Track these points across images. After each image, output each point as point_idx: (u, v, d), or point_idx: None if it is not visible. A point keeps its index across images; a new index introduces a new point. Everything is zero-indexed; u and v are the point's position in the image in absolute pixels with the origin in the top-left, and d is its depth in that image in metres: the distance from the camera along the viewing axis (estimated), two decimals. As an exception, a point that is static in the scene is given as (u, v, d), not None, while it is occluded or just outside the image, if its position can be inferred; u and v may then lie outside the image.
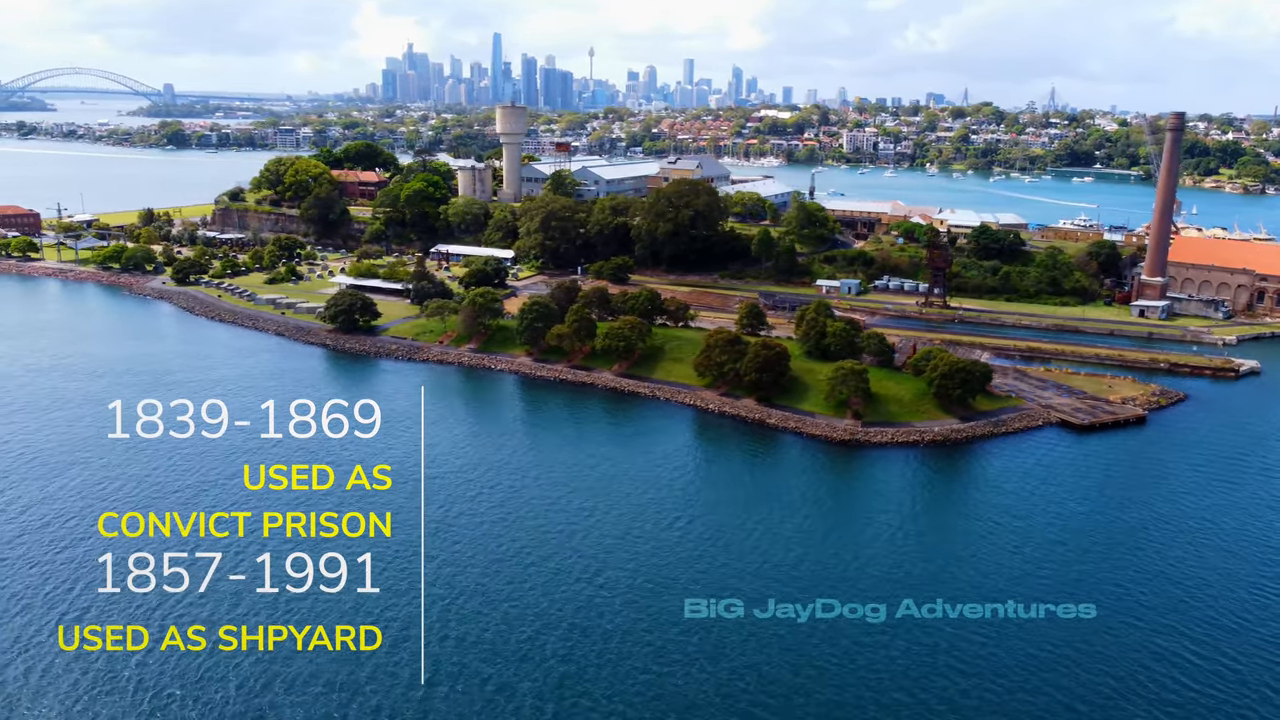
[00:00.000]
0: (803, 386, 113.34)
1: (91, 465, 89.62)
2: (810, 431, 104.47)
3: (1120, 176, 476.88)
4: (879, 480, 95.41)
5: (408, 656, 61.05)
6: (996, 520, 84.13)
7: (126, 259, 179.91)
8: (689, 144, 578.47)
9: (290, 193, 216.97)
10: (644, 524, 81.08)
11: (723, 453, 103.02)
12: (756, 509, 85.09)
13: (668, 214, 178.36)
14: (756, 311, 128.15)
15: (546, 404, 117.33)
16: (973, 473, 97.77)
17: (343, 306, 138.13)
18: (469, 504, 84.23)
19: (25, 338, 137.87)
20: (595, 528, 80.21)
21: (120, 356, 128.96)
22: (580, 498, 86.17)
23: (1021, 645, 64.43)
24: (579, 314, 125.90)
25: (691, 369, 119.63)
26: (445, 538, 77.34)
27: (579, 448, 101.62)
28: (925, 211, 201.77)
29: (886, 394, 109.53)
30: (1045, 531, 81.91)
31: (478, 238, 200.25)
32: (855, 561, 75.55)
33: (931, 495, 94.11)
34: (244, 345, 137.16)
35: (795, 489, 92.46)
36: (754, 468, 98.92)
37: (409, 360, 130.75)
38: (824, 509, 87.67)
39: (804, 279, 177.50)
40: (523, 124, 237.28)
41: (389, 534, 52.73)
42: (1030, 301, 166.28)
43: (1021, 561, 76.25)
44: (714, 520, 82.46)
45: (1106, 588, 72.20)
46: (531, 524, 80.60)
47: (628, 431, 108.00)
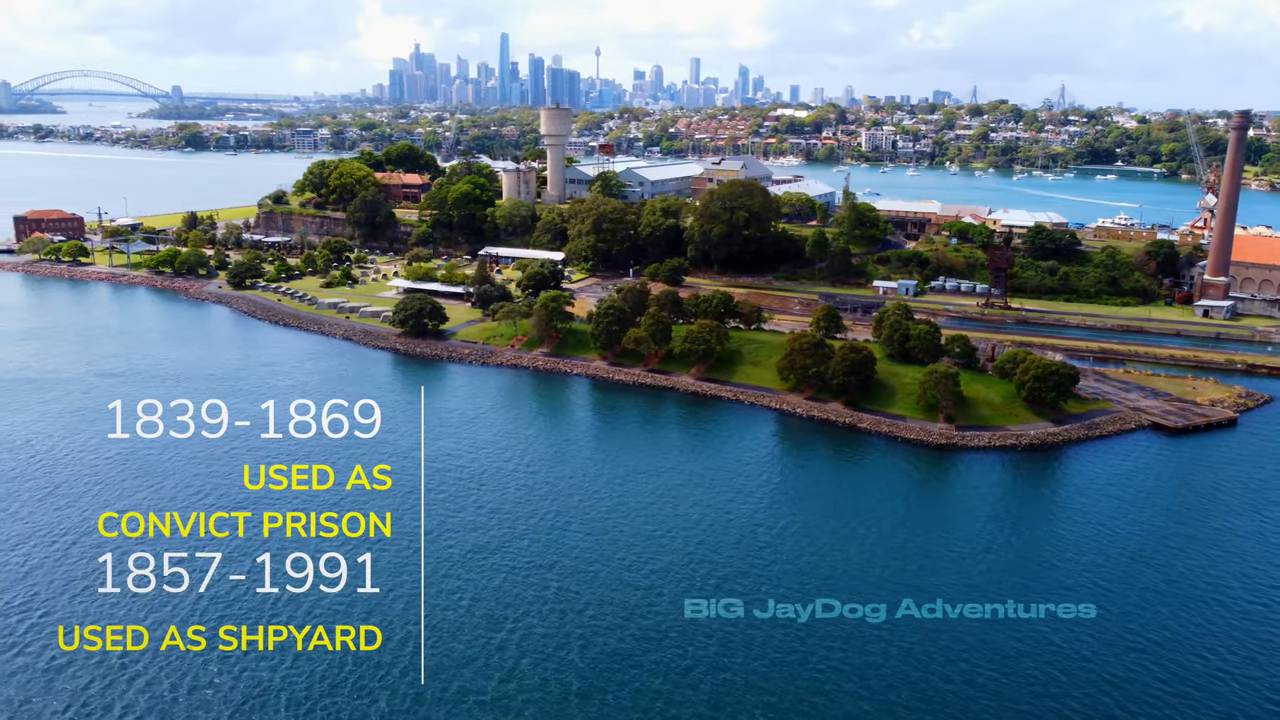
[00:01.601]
0: (888, 390, 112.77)
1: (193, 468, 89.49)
2: (904, 435, 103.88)
3: (1144, 174, 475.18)
4: (981, 485, 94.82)
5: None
6: (1110, 526, 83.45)
7: (180, 263, 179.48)
8: (707, 143, 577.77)
9: (335, 195, 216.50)
10: (735, 528, 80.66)
11: (814, 457, 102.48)
12: (859, 515, 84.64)
13: (721, 215, 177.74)
14: (833, 314, 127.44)
15: (625, 407, 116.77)
16: (1074, 477, 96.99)
17: (412, 311, 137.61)
18: (537, 505, 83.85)
19: (94, 343, 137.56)
20: (685, 531, 79.83)
21: (194, 361, 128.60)
22: (672, 501, 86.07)
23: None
24: (655, 317, 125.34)
25: (771, 372, 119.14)
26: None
27: (665, 450, 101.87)
28: (975, 211, 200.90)
29: (975, 397, 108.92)
30: (1165, 540, 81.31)
31: (525, 240, 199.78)
32: (978, 567, 75.09)
33: (1037, 500, 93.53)
34: (313, 350, 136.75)
35: (896, 494, 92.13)
36: (848, 472, 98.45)
37: (482, 364, 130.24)
38: (930, 514, 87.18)
39: (859, 280, 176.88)
40: (567, 125, 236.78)
41: (389, 534, 53.39)
42: (1090, 302, 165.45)
43: (1150, 570, 75.69)
44: (831, 526, 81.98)
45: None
46: (629, 528, 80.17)
47: (714, 434, 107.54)
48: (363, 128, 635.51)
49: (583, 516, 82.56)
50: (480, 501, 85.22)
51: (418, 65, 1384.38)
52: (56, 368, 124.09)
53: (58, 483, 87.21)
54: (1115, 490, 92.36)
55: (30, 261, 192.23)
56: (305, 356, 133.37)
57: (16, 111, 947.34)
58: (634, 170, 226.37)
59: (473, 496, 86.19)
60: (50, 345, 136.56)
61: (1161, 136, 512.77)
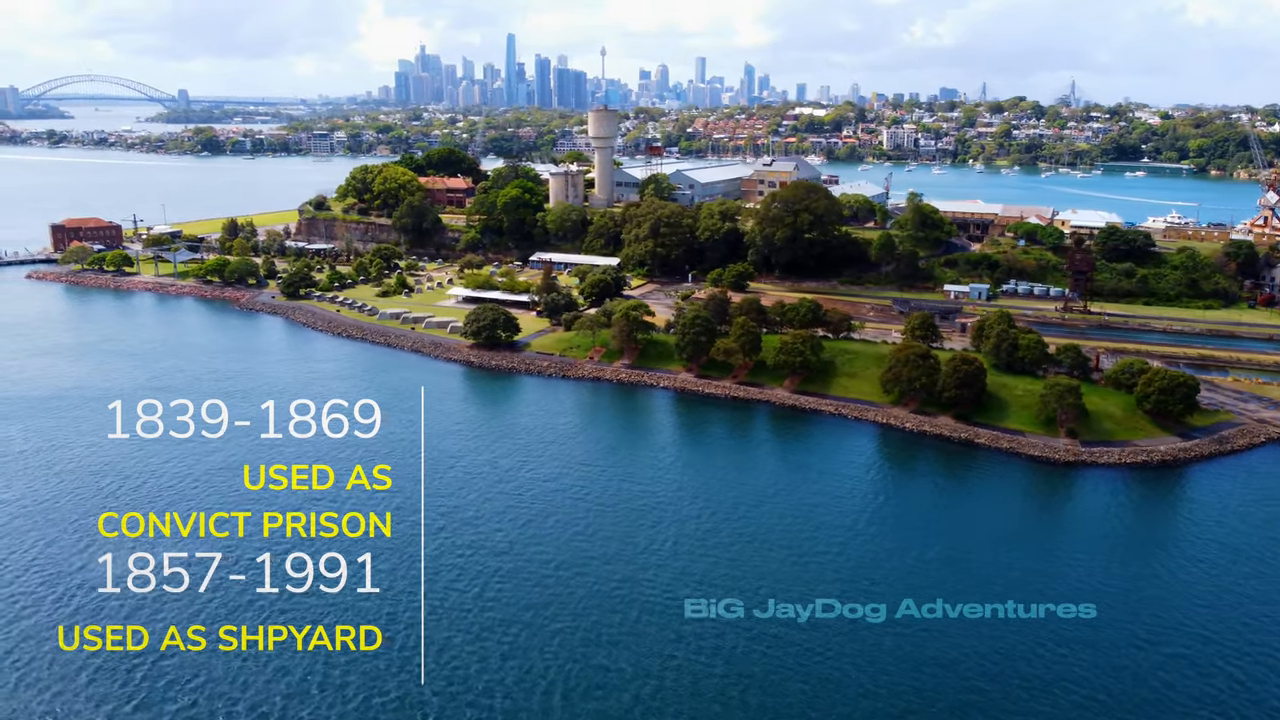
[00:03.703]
0: (999, 402, 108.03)
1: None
2: (1026, 452, 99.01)
3: (1172, 171, 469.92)
4: (1112, 506, 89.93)
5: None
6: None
7: (230, 272, 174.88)
8: (725, 143, 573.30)
9: (379, 201, 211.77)
10: (872, 544, 76.10)
11: (930, 474, 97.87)
12: (997, 540, 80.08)
13: (785, 219, 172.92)
14: (929, 322, 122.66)
15: (717, 421, 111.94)
16: (1209, 496, 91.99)
17: (485, 322, 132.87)
18: (656, 529, 79.20)
19: (154, 358, 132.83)
20: (818, 546, 75.25)
21: (263, 374, 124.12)
22: (778, 515, 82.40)
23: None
24: (745, 327, 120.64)
25: (869, 384, 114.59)
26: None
27: (770, 467, 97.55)
28: (1039, 212, 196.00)
29: (1094, 410, 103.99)
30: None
31: (575, 245, 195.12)
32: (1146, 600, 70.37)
33: (1177, 522, 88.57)
34: (384, 362, 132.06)
35: (1024, 512, 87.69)
36: (968, 492, 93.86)
37: (562, 377, 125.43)
38: (1064, 534, 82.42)
39: (926, 284, 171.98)
40: (614, 127, 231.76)
41: (388, 534, 53.01)
42: (1170, 305, 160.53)
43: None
44: (977, 549, 77.31)
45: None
46: (770, 558, 75.46)
47: (818, 450, 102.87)
48: (378, 130, 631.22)
49: (691, 534, 78.06)
50: (596, 527, 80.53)
51: (423, 67, 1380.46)
52: (118, 384, 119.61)
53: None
54: (1260, 511, 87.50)
55: (73, 271, 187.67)
56: (376, 369, 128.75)
57: (24, 117, 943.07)
58: (684, 172, 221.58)
59: (591, 524, 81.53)
60: (110, 360, 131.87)
61: (1188, 132, 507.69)
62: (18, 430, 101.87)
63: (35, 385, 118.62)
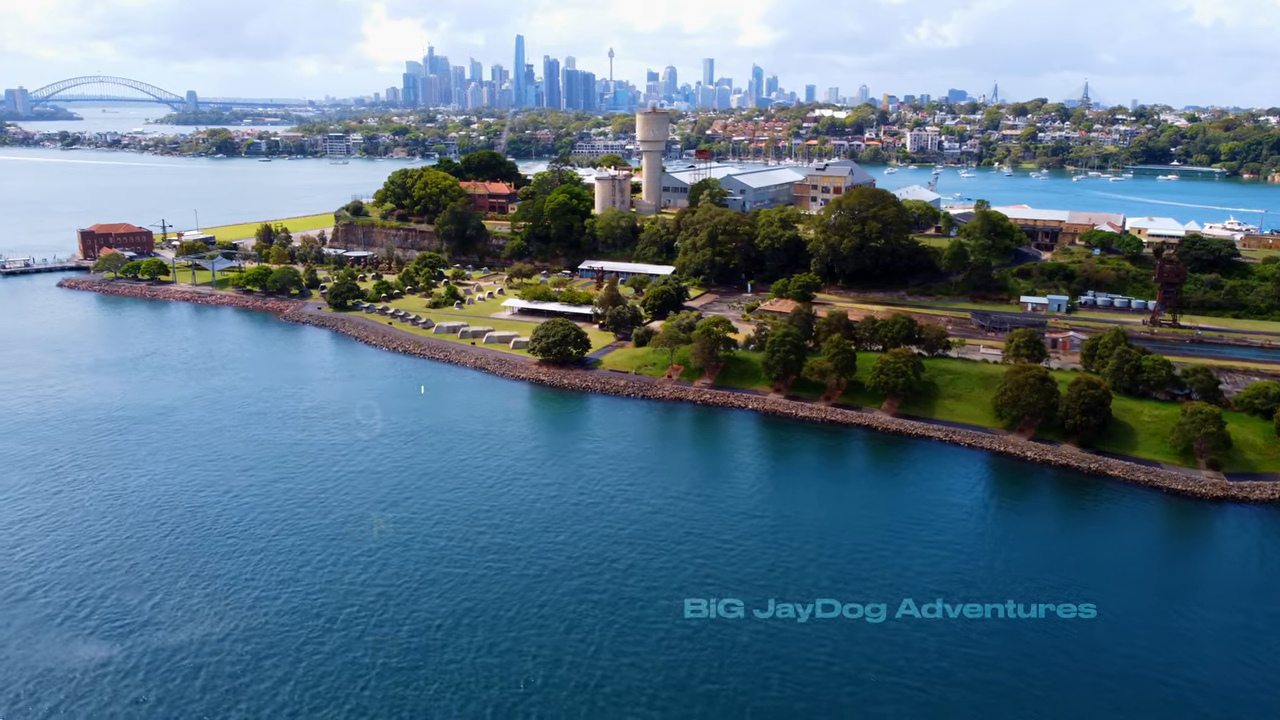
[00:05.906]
0: (1124, 429, 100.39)
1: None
2: (1166, 485, 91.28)
3: (1204, 174, 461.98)
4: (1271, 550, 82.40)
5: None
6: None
7: (272, 281, 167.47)
8: (746, 145, 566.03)
9: (419, 206, 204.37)
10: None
11: (1072, 510, 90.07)
12: (1176, 593, 72.53)
13: (852, 227, 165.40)
14: (1035, 340, 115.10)
15: (819, 448, 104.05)
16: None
17: (555, 338, 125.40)
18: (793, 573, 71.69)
19: (207, 373, 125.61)
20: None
21: (331, 396, 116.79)
22: (922, 544, 74.00)
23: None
24: (839, 344, 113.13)
25: (976, 406, 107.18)
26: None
27: (894, 499, 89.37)
28: (1109, 219, 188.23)
29: (1232, 438, 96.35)
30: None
31: (625, 252, 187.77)
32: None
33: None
34: (452, 381, 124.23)
35: (1189, 557, 79.86)
36: (1115, 532, 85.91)
37: (641, 397, 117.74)
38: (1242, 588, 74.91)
39: (1000, 294, 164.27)
40: (664, 130, 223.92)
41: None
42: (1262, 319, 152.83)
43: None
44: (1150, 608, 69.82)
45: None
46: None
47: (935, 484, 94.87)
48: (394, 132, 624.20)
49: (830, 574, 70.56)
50: (720, 572, 73.06)
51: (431, 68, 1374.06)
52: (176, 401, 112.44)
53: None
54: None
55: (107, 280, 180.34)
56: (445, 388, 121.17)
57: (34, 118, 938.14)
58: (734, 177, 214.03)
59: (723, 566, 74.06)
60: (159, 376, 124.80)
61: (1217, 135, 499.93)
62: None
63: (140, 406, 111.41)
